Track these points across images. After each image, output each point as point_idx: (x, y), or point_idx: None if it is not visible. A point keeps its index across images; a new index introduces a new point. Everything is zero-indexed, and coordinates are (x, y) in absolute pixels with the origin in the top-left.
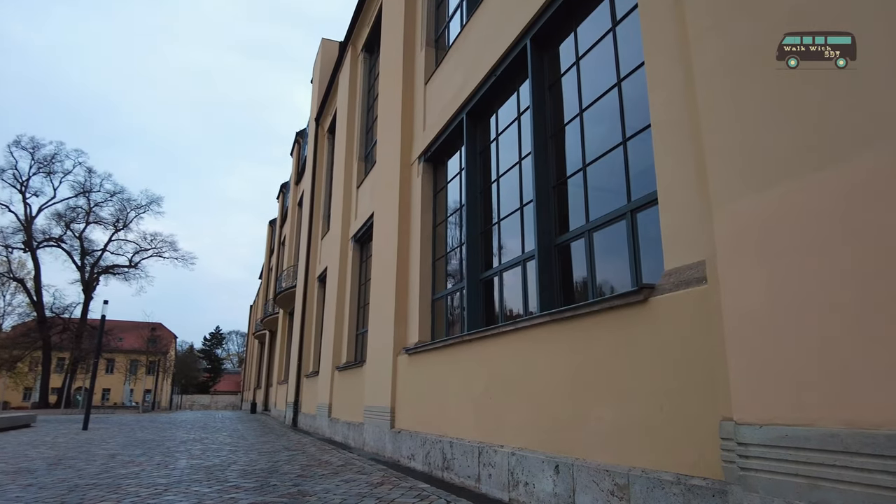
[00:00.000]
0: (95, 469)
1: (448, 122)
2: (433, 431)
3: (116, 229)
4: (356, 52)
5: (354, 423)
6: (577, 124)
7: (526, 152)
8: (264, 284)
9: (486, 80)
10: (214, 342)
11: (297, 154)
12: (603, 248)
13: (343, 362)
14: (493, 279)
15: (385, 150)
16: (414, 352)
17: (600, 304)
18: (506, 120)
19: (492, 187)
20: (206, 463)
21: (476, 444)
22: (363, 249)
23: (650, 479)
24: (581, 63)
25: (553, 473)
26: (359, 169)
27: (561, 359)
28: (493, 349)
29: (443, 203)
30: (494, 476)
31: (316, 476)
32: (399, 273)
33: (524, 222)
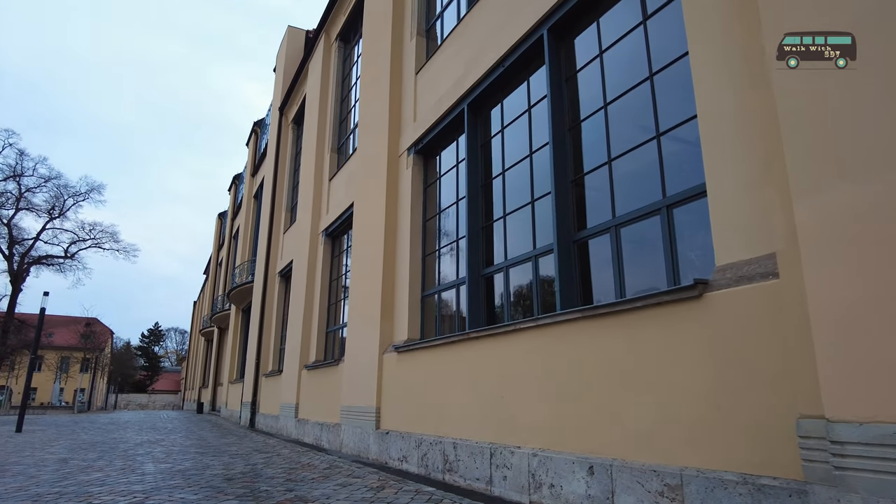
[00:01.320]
0: (51, 476)
1: (445, 113)
2: (430, 432)
3: (51, 217)
4: (330, 40)
5: (329, 424)
6: (599, 118)
7: (539, 145)
8: (212, 279)
9: (492, 71)
10: (153, 339)
11: (255, 144)
12: (631, 245)
13: (312, 361)
14: (496, 276)
15: (369, 142)
16: (405, 349)
17: (645, 301)
18: (513, 112)
19: (493, 181)
20: (176, 467)
21: (486, 444)
22: (335, 244)
23: (708, 478)
24: (605, 56)
25: (586, 474)
26: (331, 160)
27: (592, 356)
28: (506, 347)
29: (433, 197)
30: (511, 478)
31: (306, 480)
32: (385, 268)
33: (535, 217)
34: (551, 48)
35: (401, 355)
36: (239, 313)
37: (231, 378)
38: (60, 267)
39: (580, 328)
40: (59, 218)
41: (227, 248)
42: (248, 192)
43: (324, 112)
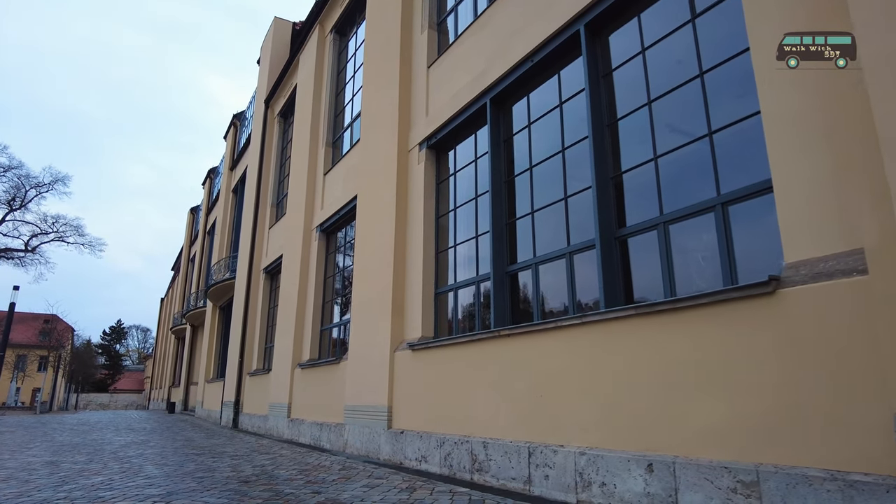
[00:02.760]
0: (47, 480)
1: (463, 108)
2: (454, 432)
3: (11, 209)
4: (324, 32)
5: (329, 424)
6: (642, 115)
7: (572, 141)
8: (183, 276)
9: (518, 66)
10: (115, 337)
11: (234, 138)
12: (677, 243)
13: (306, 359)
14: (522, 273)
15: (374, 136)
16: (421, 347)
17: (711, 297)
18: (541, 107)
19: (518, 178)
20: (182, 469)
21: (523, 444)
22: (330, 240)
23: (789, 475)
24: (647, 53)
25: (644, 472)
26: (326, 155)
27: (648, 354)
28: (544, 345)
29: (446, 193)
30: (554, 477)
31: (327, 482)
32: (396, 265)
33: (569, 214)
34: (589, 43)
35: (416, 353)
36: (216, 311)
37: (208, 377)
38: (21, 261)
39: (633, 325)
40: (21, 209)
41: (202, 244)
42: (227, 186)
43: (317, 106)
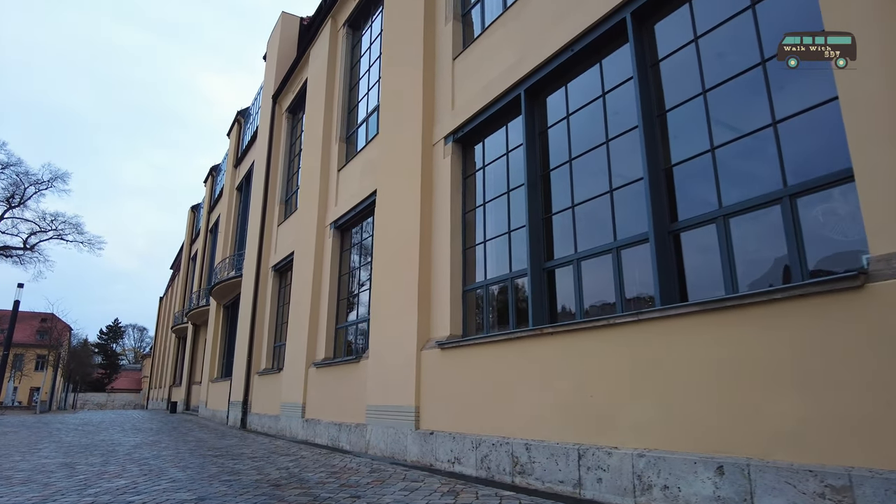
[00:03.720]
0: (67, 484)
1: (493, 100)
2: (491, 433)
3: (10, 206)
4: (337, 26)
5: (349, 425)
6: (696, 105)
7: (618, 132)
8: (184, 275)
9: (557, 56)
10: (112, 336)
11: (237, 134)
12: (739, 237)
13: (321, 358)
14: (561, 269)
15: (396, 130)
16: (452, 346)
17: (786, 292)
18: (580, 98)
19: (555, 171)
20: (205, 472)
21: (571, 445)
22: (345, 237)
23: (888, 479)
24: (700, 41)
25: (714, 475)
26: (340, 150)
27: (714, 351)
28: (595, 343)
29: (472, 188)
30: (608, 480)
31: (361, 485)
32: (422, 262)
33: (615, 208)
34: (636, 31)
35: (446, 352)
36: (220, 309)
37: (212, 376)
38: (20, 259)
39: (697, 322)
40: (20, 207)
41: (203, 242)
42: (230, 183)
43: (330, 100)
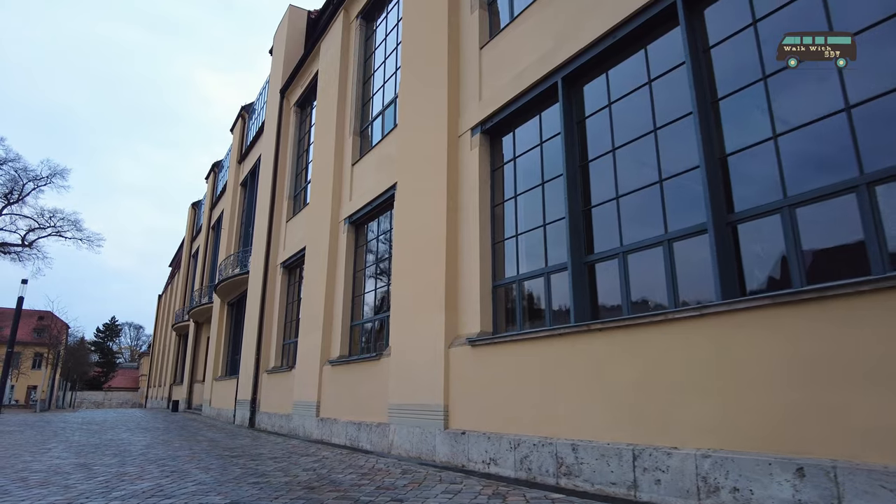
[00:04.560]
0: (89, 486)
1: (526, 89)
2: (531, 433)
3: (9, 202)
4: (349, 18)
5: (369, 424)
6: (756, 91)
7: (666, 120)
8: (184, 272)
9: (597, 43)
10: (109, 334)
11: (241, 130)
12: (806, 228)
13: (337, 356)
14: (603, 263)
15: (417, 122)
16: (484, 343)
17: (874, 284)
18: (622, 85)
19: (594, 162)
20: (229, 473)
21: (625, 446)
22: (359, 232)
23: None
24: (759, 25)
25: (792, 477)
26: (354, 144)
27: (789, 346)
28: (646, 339)
29: (501, 180)
30: (668, 482)
31: (398, 487)
32: (449, 257)
33: (665, 199)
34: (687, 16)
35: (477, 349)
36: (224, 307)
37: (216, 375)
38: (18, 256)
39: (769, 316)
40: (18, 203)
41: (205, 239)
42: (234, 179)
43: (343, 94)
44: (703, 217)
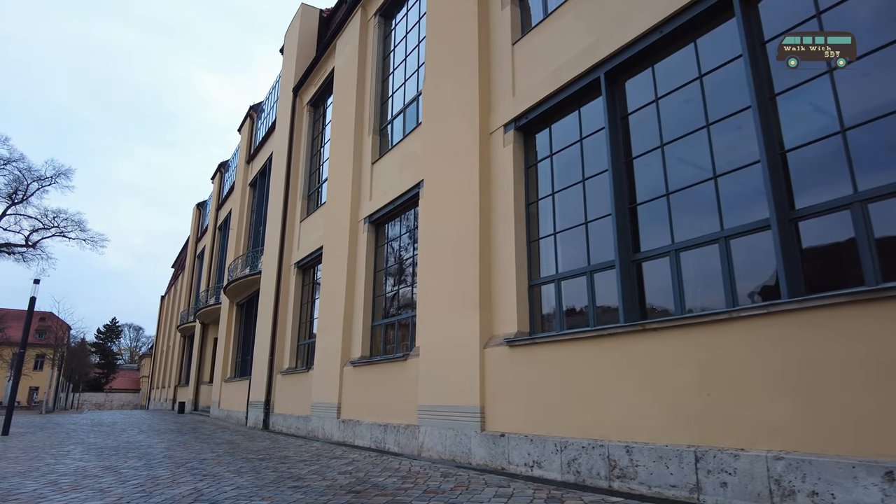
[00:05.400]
0: (125, 490)
1: (566, 84)
2: (580, 435)
3: (13, 202)
4: (367, 15)
5: (397, 426)
6: (821, 84)
7: (721, 115)
8: (189, 273)
9: (644, 37)
10: (110, 335)
11: (250, 130)
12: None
13: (359, 357)
14: (654, 261)
15: (444, 120)
16: (524, 343)
17: None
18: (669, 80)
19: (635, 160)
20: (264, 478)
21: (685, 448)
22: (380, 231)
23: None
24: (823, 17)
25: (881, 481)
26: (373, 143)
27: (872, 344)
28: (709, 338)
29: (535, 177)
30: (736, 485)
31: (445, 491)
32: (482, 256)
33: (720, 195)
34: (743, 9)
35: (516, 350)
36: (233, 308)
37: (225, 376)
38: (23, 256)
39: (848, 314)
40: (22, 203)
41: (212, 240)
42: (243, 180)
43: (361, 92)
44: (759, 213)
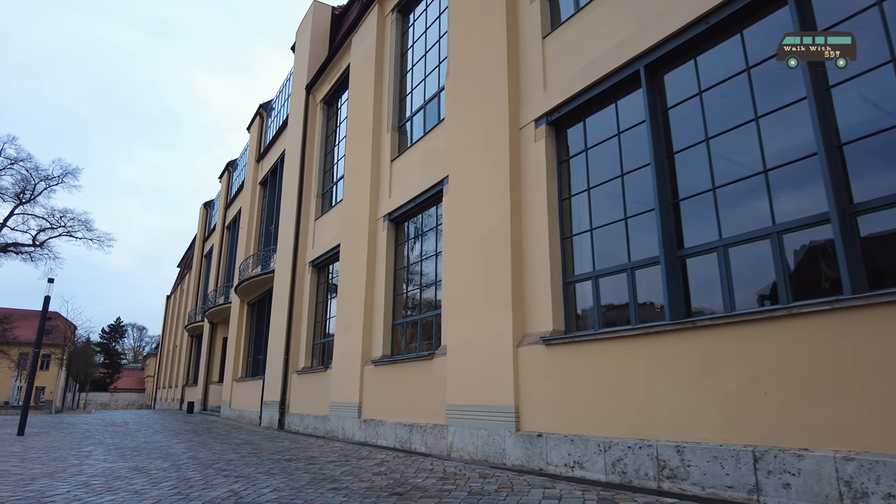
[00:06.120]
0: (161, 492)
1: (601, 78)
2: (624, 435)
3: (21, 201)
4: (384, 11)
5: (423, 426)
6: (885, 73)
7: (769, 109)
8: (196, 272)
9: (687, 29)
10: (114, 335)
11: (259, 129)
12: None
13: (380, 356)
14: (700, 257)
15: (470, 115)
16: (562, 342)
17: None
18: (714, 73)
19: (676, 155)
20: (299, 479)
21: (741, 447)
22: (399, 229)
23: None
24: (885, 5)
25: None
26: (392, 140)
27: None
28: (768, 335)
29: (567, 172)
30: (800, 486)
31: (491, 493)
32: (514, 253)
33: (770, 189)
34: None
35: (553, 348)
36: (244, 307)
37: (236, 376)
38: (31, 256)
39: None
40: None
41: (220, 239)
42: (253, 178)
43: (379, 89)
44: (818, 207)
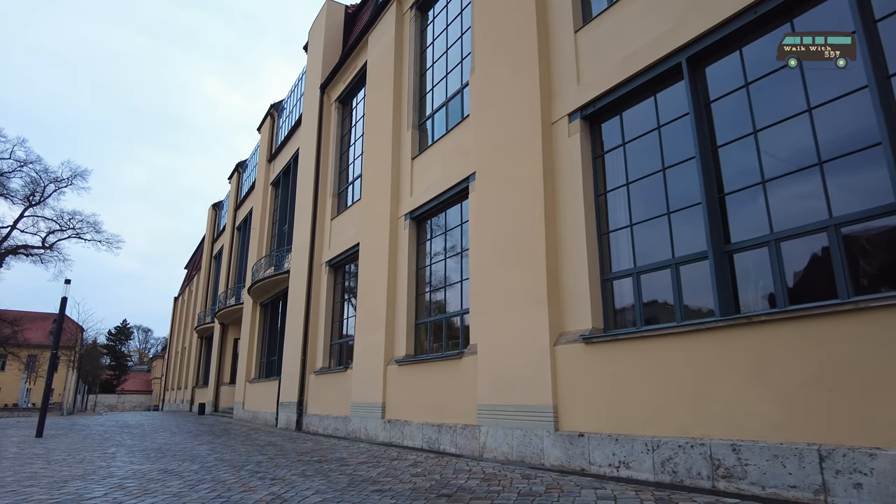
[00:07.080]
0: (201, 495)
1: (640, 71)
2: (674, 434)
3: (30, 203)
4: (402, 9)
5: (453, 426)
6: None
7: (823, 99)
8: (206, 273)
9: (733, 19)
10: (121, 337)
11: (271, 129)
12: None
13: (403, 355)
14: (749, 252)
15: (497, 111)
16: (603, 340)
17: None
18: (760, 65)
19: (720, 148)
20: (338, 482)
21: (805, 446)
22: (420, 228)
23: None
24: None
25: None
26: (413, 138)
27: None
28: (828, 330)
29: (602, 167)
30: (874, 486)
31: (541, 494)
32: (549, 250)
33: (825, 180)
34: None
35: (593, 346)
36: (257, 308)
37: (249, 377)
38: (41, 258)
39: None
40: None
41: (230, 240)
42: (264, 179)
43: (398, 87)
44: (882, 199)
